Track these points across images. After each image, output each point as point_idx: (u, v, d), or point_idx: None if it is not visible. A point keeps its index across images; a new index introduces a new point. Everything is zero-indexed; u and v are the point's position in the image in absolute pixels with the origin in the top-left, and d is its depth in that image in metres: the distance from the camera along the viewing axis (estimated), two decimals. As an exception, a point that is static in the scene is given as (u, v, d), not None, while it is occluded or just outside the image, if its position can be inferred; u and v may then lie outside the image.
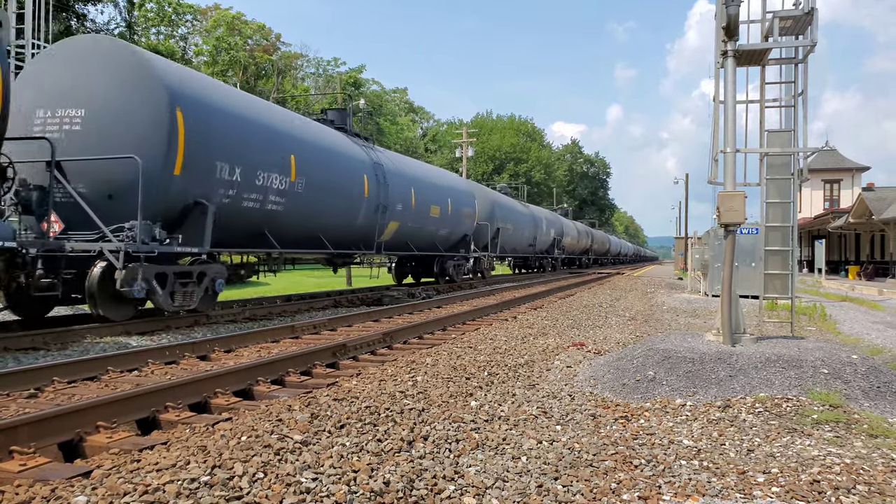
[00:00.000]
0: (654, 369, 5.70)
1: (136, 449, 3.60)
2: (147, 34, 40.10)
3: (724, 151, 6.57)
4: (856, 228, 32.15)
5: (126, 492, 2.83)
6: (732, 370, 5.46)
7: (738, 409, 4.79)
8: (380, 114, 55.63)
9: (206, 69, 38.87)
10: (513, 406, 4.89)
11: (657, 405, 4.99)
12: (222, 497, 2.82)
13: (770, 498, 3.14)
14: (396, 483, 3.13)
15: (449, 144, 62.77)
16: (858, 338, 9.24)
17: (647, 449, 3.95)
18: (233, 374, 5.42)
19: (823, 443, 4.04)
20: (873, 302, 16.12)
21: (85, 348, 7.78)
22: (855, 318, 11.92)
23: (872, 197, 27.45)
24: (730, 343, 6.30)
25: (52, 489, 2.90)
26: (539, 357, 7.08)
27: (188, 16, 44.04)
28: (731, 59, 6.56)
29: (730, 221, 6.38)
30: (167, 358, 6.68)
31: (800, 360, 5.55)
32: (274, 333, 8.48)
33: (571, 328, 9.95)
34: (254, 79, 42.15)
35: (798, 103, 6.89)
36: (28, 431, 3.68)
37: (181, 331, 9.53)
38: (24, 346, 7.52)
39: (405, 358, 6.76)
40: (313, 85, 54.70)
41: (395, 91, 71.81)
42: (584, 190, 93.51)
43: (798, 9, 6.70)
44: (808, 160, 7.15)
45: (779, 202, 6.98)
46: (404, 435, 3.90)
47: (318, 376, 6.15)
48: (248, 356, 7.04)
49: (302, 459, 3.31)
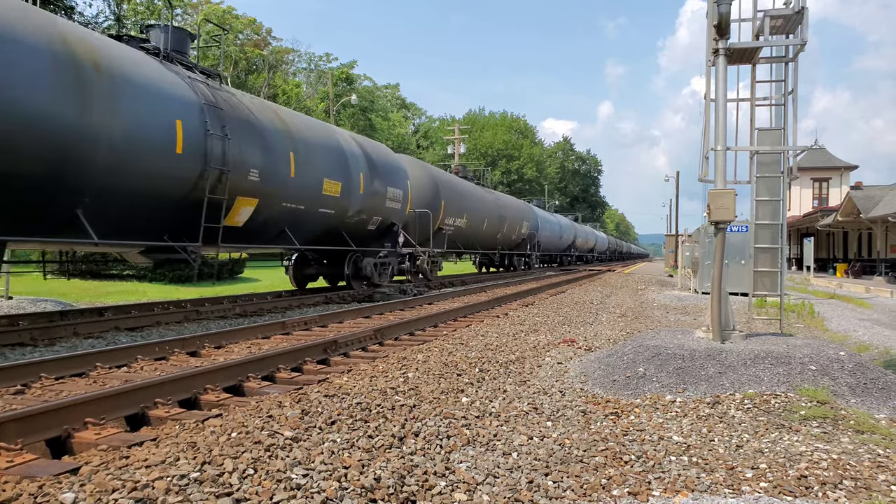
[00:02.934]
0: (645, 366, 5.73)
1: (124, 445, 3.58)
2: (136, 28, 39.72)
3: (714, 149, 6.60)
4: (844, 227, 32.42)
5: (115, 488, 2.81)
6: (722, 367, 5.50)
7: (727, 405, 4.83)
8: (372, 109, 55.43)
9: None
10: (504, 402, 4.90)
11: (647, 401, 5.02)
12: (212, 493, 2.81)
13: (758, 493, 3.16)
14: (387, 479, 3.13)
15: (441, 141, 62.71)
16: (846, 335, 9.32)
17: (637, 445, 3.97)
18: (223, 370, 5.40)
19: (811, 438, 4.08)
20: (860, 299, 16.28)
21: (73, 344, 7.72)
22: (843, 315, 12.04)
23: (860, 195, 27.69)
24: (719, 340, 6.35)
25: (40, 486, 2.87)
26: (530, 353, 7.10)
27: (178, 10, 43.67)
28: (722, 57, 6.59)
29: (720, 219, 6.41)
30: (157, 354, 6.64)
31: (788, 356, 5.59)
32: (265, 330, 8.45)
33: (562, 325, 9.98)
34: (245, 74, 41.88)
35: (788, 102, 6.94)
36: (15, 428, 3.65)
37: (171, 326, 9.48)
38: (12, 342, 7.45)
39: (396, 354, 6.75)
40: (305, 80, 54.44)
41: (387, 87, 71.58)
42: (575, 187, 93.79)
43: (789, 8, 6.74)
44: (797, 158, 7.20)
45: (768, 200, 7.02)
46: (395, 431, 3.90)
47: (308, 373, 6.14)
48: (239, 352, 7.01)
49: (292, 456, 3.30)
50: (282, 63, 50.24)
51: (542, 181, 74.97)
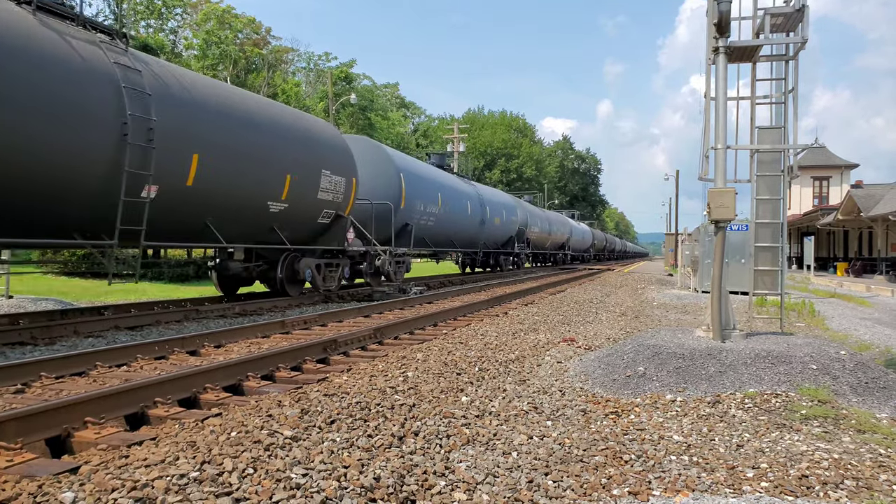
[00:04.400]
0: (645, 365, 5.72)
1: (124, 445, 3.57)
2: (136, 27, 39.69)
3: (714, 148, 6.59)
4: (844, 225, 32.42)
5: (114, 487, 2.80)
6: (722, 366, 5.49)
7: (727, 404, 4.82)
8: (371, 109, 55.38)
9: (197, 63, 38.52)
10: (503, 402, 4.89)
11: (647, 401, 5.01)
12: (212, 493, 2.80)
13: (759, 493, 3.15)
14: (387, 479, 3.12)
15: (440, 140, 62.67)
16: (847, 334, 9.32)
17: (638, 444, 3.96)
18: (222, 369, 5.39)
19: (812, 438, 4.07)
20: (861, 298, 16.27)
21: (73, 343, 7.72)
22: (843, 314, 12.03)
23: (861, 194, 27.67)
24: (719, 339, 6.34)
25: (40, 485, 2.87)
26: (530, 353, 7.09)
27: (178, 9, 43.63)
28: (722, 55, 6.58)
29: (720, 218, 6.41)
30: (157, 353, 6.64)
31: (789, 355, 5.59)
32: (264, 329, 8.44)
33: (562, 324, 9.97)
34: (244, 73, 41.81)
35: (788, 100, 6.93)
36: (15, 427, 3.65)
37: (170, 325, 9.47)
38: (12, 341, 7.45)
39: (396, 354, 6.74)
40: (304, 80, 54.40)
41: (387, 86, 71.49)
42: (575, 186, 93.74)
43: (789, 6, 6.72)
44: (797, 157, 7.19)
45: (769, 199, 7.01)
46: (395, 430, 3.89)
47: (308, 372, 6.13)
48: (238, 351, 7.01)
49: (292, 455, 3.29)
50: (281, 62, 50.19)
51: (541, 180, 74.94)
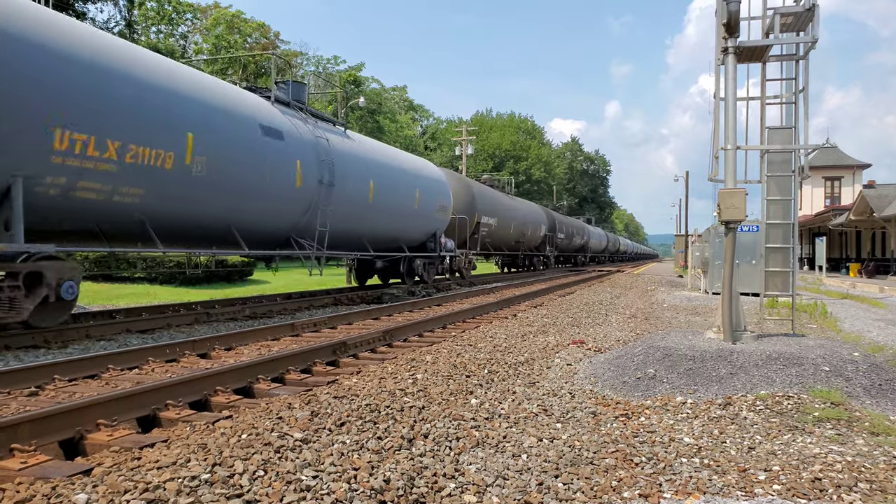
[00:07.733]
0: (655, 367, 5.70)
1: (136, 447, 3.60)
2: (147, 32, 40.05)
3: (724, 148, 6.56)
4: (857, 226, 32.11)
5: (127, 489, 2.83)
6: (733, 368, 5.45)
7: (738, 406, 4.79)
8: (380, 112, 55.51)
9: (206, 68, 38.80)
10: (513, 404, 4.88)
11: (658, 403, 4.98)
12: (223, 495, 2.82)
13: (771, 496, 3.13)
14: (397, 481, 3.13)
15: (448, 142, 62.69)
16: (860, 335, 9.22)
17: (648, 447, 3.94)
18: (233, 371, 5.42)
19: (825, 440, 4.03)
20: (874, 299, 16.10)
21: (86, 346, 7.79)
22: (856, 315, 11.91)
23: (873, 194, 27.40)
24: (730, 340, 6.30)
25: (53, 487, 2.90)
26: (539, 355, 7.08)
27: (188, 14, 43.97)
28: (731, 55, 6.55)
29: (730, 218, 6.37)
30: (168, 356, 6.68)
31: (801, 357, 5.54)
32: (274, 331, 8.48)
33: (571, 326, 9.95)
34: (253, 77, 42.06)
35: (799, 100, 6.88)
36: (29, 429, 3.69)
37: (181, 328, 9.53)
38: (26, 345, 7.53)
39: (405, 356, 6.75)
40: (313, 83, 54.60)
41: (395, 89, 71.61)
42: (583, 187, 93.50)
43: (799, 5, 6.68)
44: (808, 157, 7.14)
45: (779, 199, 6.97)
46: (404, 433, 3.89)
47: (318, 374, 6.15)
48: (249, 354, 7.04)
49: (302, 457, 3.31)
50: (290, 66, 50.42)
51: (550, 182, 74.75)
